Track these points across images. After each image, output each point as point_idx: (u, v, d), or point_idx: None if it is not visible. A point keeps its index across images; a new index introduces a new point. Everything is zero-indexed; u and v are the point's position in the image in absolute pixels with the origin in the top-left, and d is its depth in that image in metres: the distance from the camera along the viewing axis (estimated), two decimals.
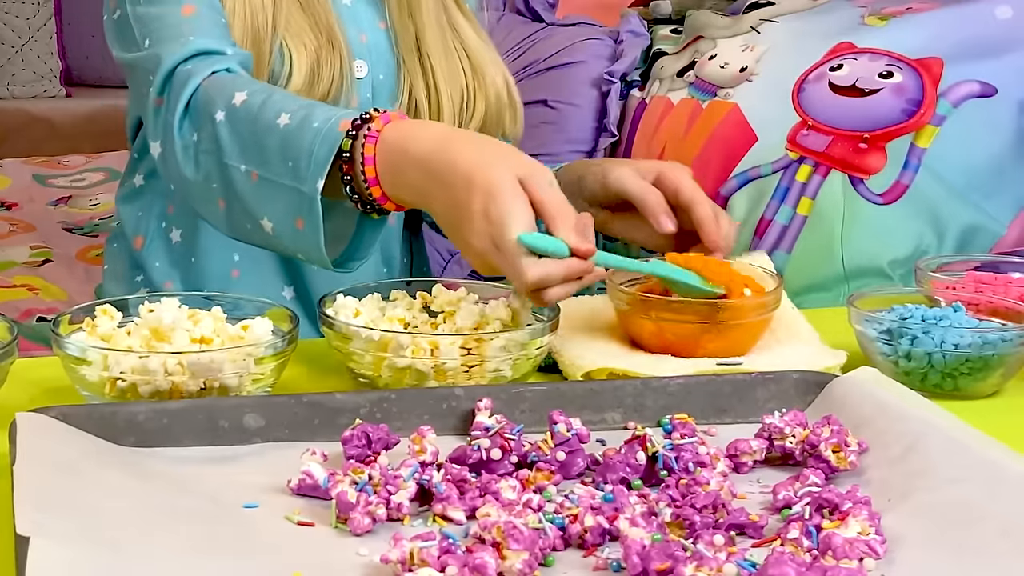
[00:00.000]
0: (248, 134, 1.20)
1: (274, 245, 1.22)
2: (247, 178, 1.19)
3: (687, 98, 1.95)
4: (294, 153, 1.16)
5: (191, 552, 0.81)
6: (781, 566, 0.77)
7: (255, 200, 1.19)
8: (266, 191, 1.18)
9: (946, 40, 1.83)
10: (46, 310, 2.04)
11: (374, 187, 1.14)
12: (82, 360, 1.04)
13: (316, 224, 1.15)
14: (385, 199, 1.15)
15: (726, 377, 1.08)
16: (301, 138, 1.16)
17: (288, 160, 1.16)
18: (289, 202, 1.16)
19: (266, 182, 1.18)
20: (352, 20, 1.42)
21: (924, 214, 1.77)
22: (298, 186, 1.15)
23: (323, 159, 1.14)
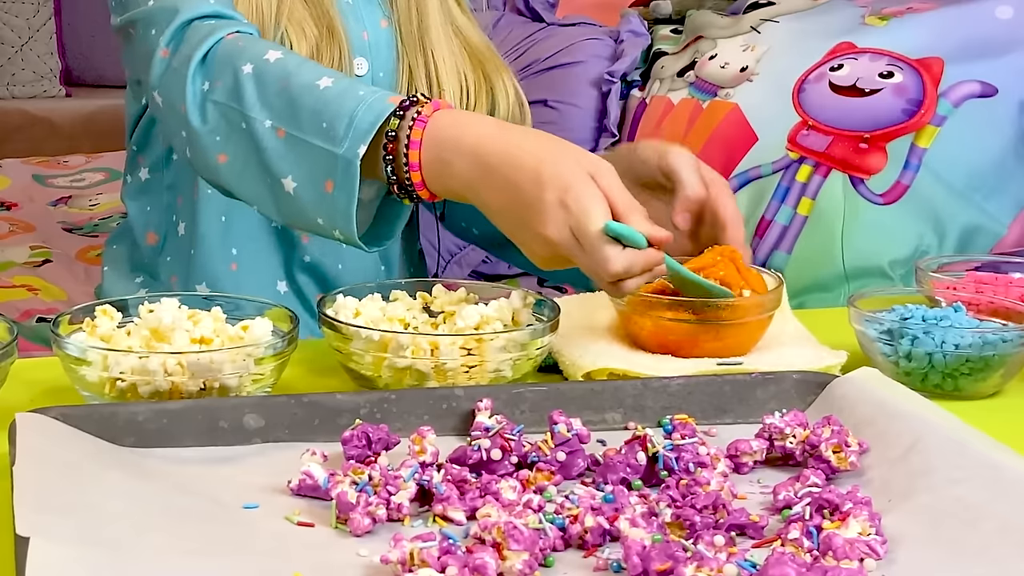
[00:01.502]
0: (279, 90, 1.16)
1: (290, 208, 1.18)
2: (271, 133, 1.16)
3: (687, 98, 1.95)
4: (331, 115, 1.13)
5: (191, 552, 0.81)
6: (781, 566, 0.77)
7: (279, 157, 1.16)
8: (294, 149, 1.15)
9: (946, 40, 1.83)
10: (46, 310, 2.04)
11: (414, 172, 1.12)
12: (82, 360, 1.04)
13: (351, 189, 1.12)
14: (423, 186, 1.13)
15: (726, 377, 1.08)
16: (342, 103, 1.13)
17: (323, 121, 1.13)
18: (319, 163, 1.13)
19: (295, 140, 1.14)
20: (354, 17, 1.43)
21: (924, 214, 1.77)
22: (332, 148, 1.12)
23: (368, 126, 1.11)
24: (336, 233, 1.16)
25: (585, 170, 1.07)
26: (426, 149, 1.11)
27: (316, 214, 1.16)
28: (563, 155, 1.08)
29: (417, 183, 1.13)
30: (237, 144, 1.18)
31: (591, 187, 1.06)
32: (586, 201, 1.06)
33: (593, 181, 1.07)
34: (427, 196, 1.14)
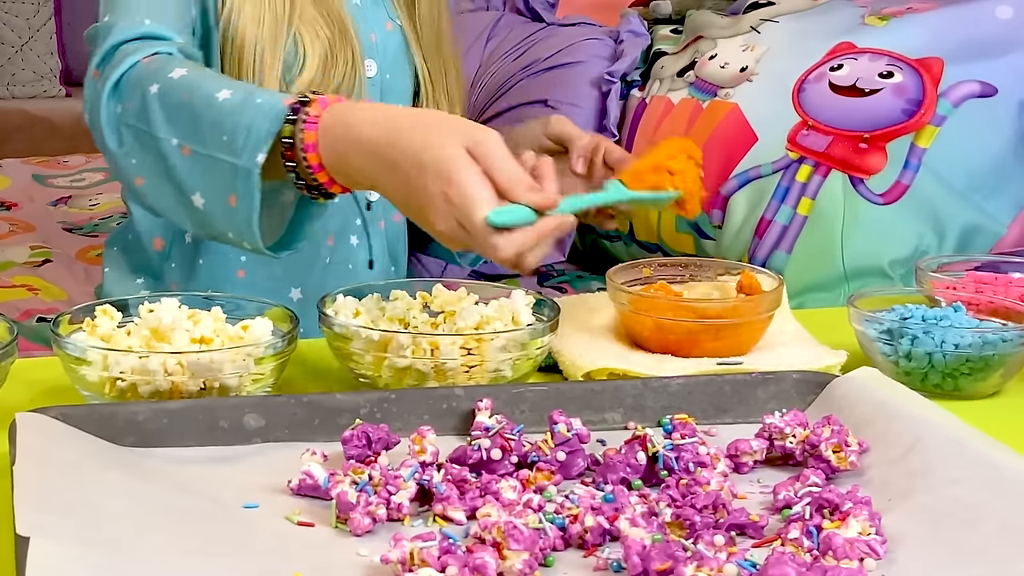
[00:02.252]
0: (183, 107, 1.17)
1: (203, 223, 1.19)
2: (178, 152, 1.17)
3: (687, 98, 1.95)
4: (231, 128, 1.14)
5: (191, 552, 0.81)
6: (781, 566, 0.77)
7: (187, 174, 1.17)
8: (199, 165, 1.16)
9: (946, 40, 1.83)
10: (46, 310, 2.04)
11: (319, 173, 1.12)
12: (82, 360, 1.04)
13: (250, 200, 1.13)
14: (332, 183, 1.13)
15: (726, 377, 1.08)
16: (241, 113, 1.14)
17: (223, 134, 1.14)
18: (223, 177, 1.14)
19: (199, 156, 1.15)
20: (362, 19, 1.43)
21: (924, 214, 1.77)
22: (233, 160, 1.13)
23: (264, 134, 1.12)
24: (245, 245, 1.17)
25: (465, 147, 1.06)
26: (323, 148, 1.11)
27: (225, 228, 1.17)
28: (442, 138, 1.07)
29: (325, 182, 1.13)
30: (151, 166, 1.19)
31: (471, 173, 1.05)
32: (468, 190, 1.04)
33: (473, 163, 1.06)
34: (340, 191, 1.14)
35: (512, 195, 1.05)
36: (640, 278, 1.27)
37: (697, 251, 1.90)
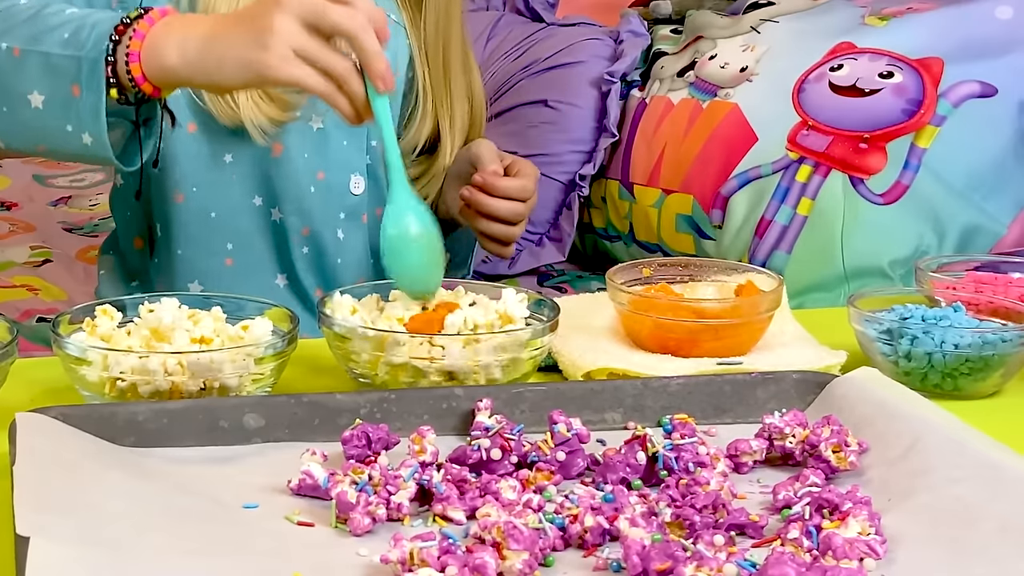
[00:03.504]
0: (24, 19, 1.18)
1: (39, 125, 1.19)
2: (8, 55, 1.17)
3: (687, 98, 1.95)
4: (74, 27, 1.16)
5: (191, 552, 0.81)
6: (781, 566, 0.77)
7: (18, 75, 1.17)
8: (33, 63, 1.16)
9: (946, 40, 1.83)
10: (46, 310, 2.04)
11: (134, 64, 1.13)
12: (82, 360, 1.04)
13: (98, 88, 1.14)
14: (144, 79, 1.14)
15: (726, 377, 1.08)
16: (85, 17, 1.17)
17: (64, 32, 1.16)
18: (63, 71, 1.15)
19: (32, 54, 1.16)
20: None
21: (924, 214, 1.77)
22: (76, 53, 1.14)
23: (107, 28, 1.14)
24: (85, 137, 1.17)
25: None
26: (148, 38, 1.14)
27: (65, 122, 1.17)
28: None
29: (138, 77, 1.14)
30: None
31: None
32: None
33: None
34: (150, 89, 1.15)
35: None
36: (640, 278, 1.27)
37: (697, 251, 1.91)
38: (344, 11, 1.09)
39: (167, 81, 1.15)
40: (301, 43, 1.09)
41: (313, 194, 1.42)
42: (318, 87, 1.10)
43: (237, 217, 1.42)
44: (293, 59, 1.09)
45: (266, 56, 1.09)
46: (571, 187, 2.07)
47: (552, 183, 2.06)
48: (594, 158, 2.05)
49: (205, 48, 1.12)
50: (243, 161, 1.40)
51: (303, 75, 1.09)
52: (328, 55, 1.10)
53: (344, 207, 1.44)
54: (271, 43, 1.09)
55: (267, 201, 1.42)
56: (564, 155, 2.07)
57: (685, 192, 1.91)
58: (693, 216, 1.90)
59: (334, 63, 1.10)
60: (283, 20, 1.09)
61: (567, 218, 2.08)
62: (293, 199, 1.42)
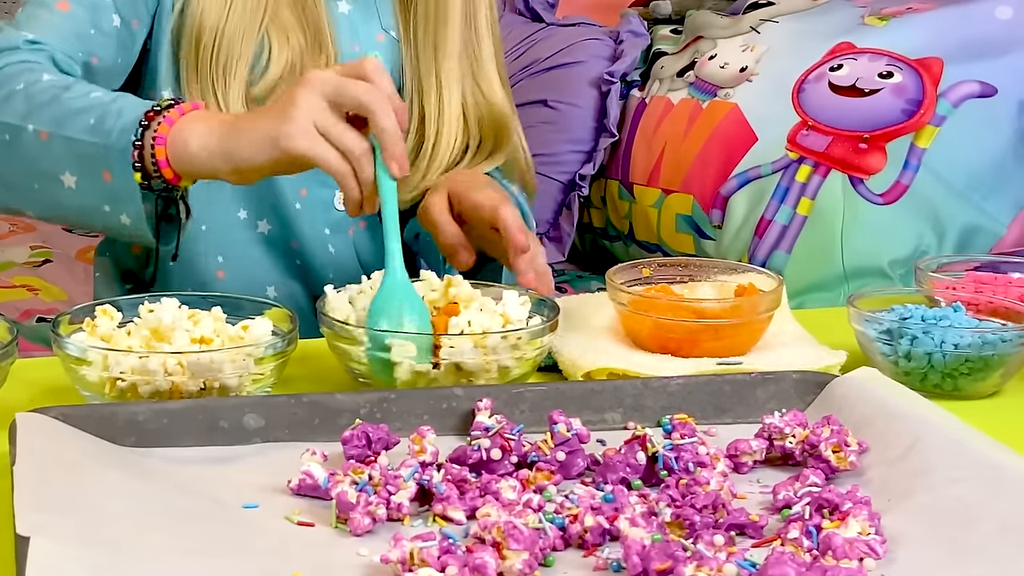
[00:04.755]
0: (47, 100, 1.20)
1: (76, 204, 1.20)
2: (35, 138, 1.19)
3: (687, 98, 1.95)
4: (100, 113, 1.17)
5: (191, 552, 0.81)
6: (781, 566, 0.77)
7: (48, 157, 1.19)
8: (61, 147, 1.18)
9: (946, 40, 1.83)
10: (46, 310, 2.04)
11: (159, 147, 1.14)
12: (82, 360, 1.04)
13: (127, 175, 1.15)
14: (167, 164, 1.15)
15: (726, 377, 1.08)
16: (111, 103, 1.18)
17: (90, 118, 1.17)
18: (91, 158, 1.17)
19: (59, 139, 1.18)
20: (348, 28, 1.42)
21: (924, 214, 1.78)
22: (103, 141, 1.16)
23: (133, 118, 1.15)
24: (123, 218, 1.18)
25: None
26: (171, 136, 1.15)
27: (101, 202, 1.18)
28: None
29: (161, 161, 1.15)
30: (1, 153, 1.21)
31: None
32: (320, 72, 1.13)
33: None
34: (166, 169, 1.16)
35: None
36: (640, 278, 1.27)
37: (697, 251, 1.91)
38: (365, 87, 1.10)
39: (189, 169, 1.16)
40: (322, 119, 1.10)
41: (298, 210, 1.42)
42: (335, 166, 1.10)
43: (226, 230, 1.41)
44: (314, 134, 1.10)
45: (287, 127, 1.10)
46: (571, 187, 2.07)
47: (552, 183, 2.07)
48: (594, 158, 2.05)
49: (230, 133, 1.13)
50: None
51: (322, 151, 1.10)
52: (348, 134, 1.10)
53: (328, 222, 1.44)
54: (294, 115, 1.09)
55: (252, 214, 1.42)
56: (564, 155, 2.08)
57: (685, 192, 1.91)
58: (693, 216, 1.91)
59: (353, 143, 1.10)
60: (307, 96, 1.10)
61: (567, 218, 2.08)
62: (279, 214, 1.42)
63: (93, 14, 1.32)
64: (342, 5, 1.42)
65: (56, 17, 1.30)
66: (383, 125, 1.10)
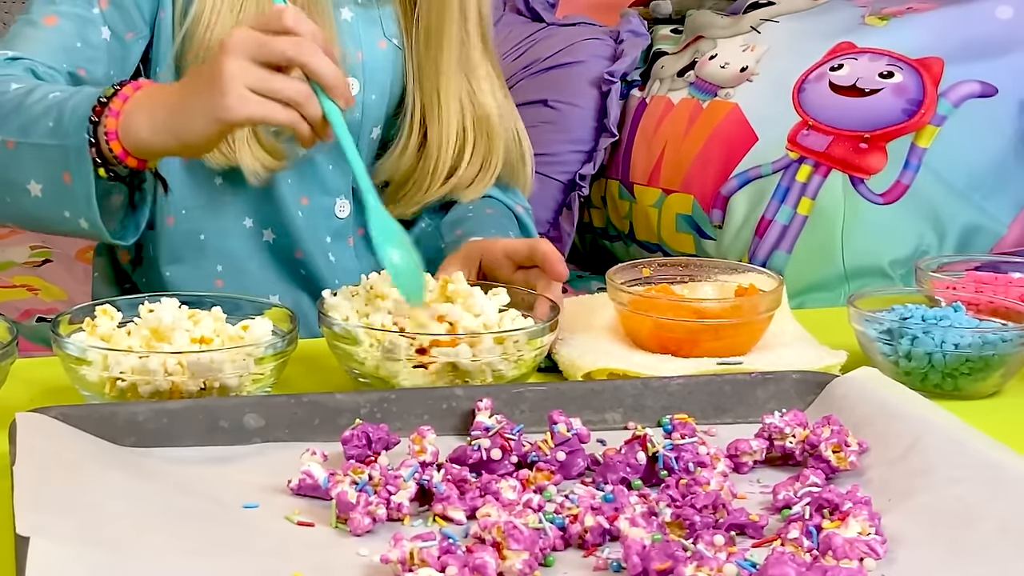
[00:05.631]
0: (13, 110, 1.20)
1: (41, 214, 1.21)
2: (3, 148, 1.19)
3: (687, 98, 1.95)
4: (56, 114, 1.17)
5: (191, 552, 0.81)
6: (781, 566, 0.77)
7: (17, 167, 1.19)
8: (28, 154, 1.18)
9: (946, 40, 1.83)
10: (46, 310, 2.04)
11: (114, 142, 1.14)
12: (82, 360, 1.04)
13: (85, 175, 1.15)
14: (126, 155, 1.15)
15: (726, 377, 1.08)
16: (65, 102, 1.17)
17: (49, 121, 1.17)
18: (54, 160, 1.16)
19: (25, 146, 1.18)
20: (351, 36, 1.41)
21: (924, 214, 1.78)
22: (61, 141, 1.16)
23: (84, 113, 1.15)
24: (82, 222, 1.18)
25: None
26: (124, 114, 1.14)
27: (63, 208, 1.19)
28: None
29: (120, 153, 1.14)
30: None
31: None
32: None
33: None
34: (135, 163, 1.16)
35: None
36: (640, 278, 1.27)
37: (697, 251, 1.91)
38: (288, 42, 1.09)
39: (145, 152, 1.16)
40: (254, 79, 1.09)
41: (300, 218, 1.42)
42: (281, 118, 1.10)
43: (227, 239, 1.41)
44: (251, 97, 1.09)
45: (224, 100, 1.09)
46: (571, 187, 2.07)
47: (552, 183, 2.06)
48: (594, 158, 2.05)
49: (171, 113, 1.13)
50: (234, 184, 1.39)
51: (264, 111, 1.09)
52: (283, 83, 1.10)
53: (330, 230, 1.44)
54: (225, 87, 1.09)
55: (258, 223, 1.42)
56: (564, 155, 2.08)
57: (685, 192, 1.91)
58: (693, 216, 1.91)
59: (291, 90, 1.10)
60: (231, 62, 1.09)
61: (567, 218, 2.08)
62: (282, 222, 1.42)
63: (80, 28, 1.32)
64: (345, 12, 1.42)
65: (43, 32, 1.31)
66: (320, 71, 1.10)
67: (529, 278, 1.23)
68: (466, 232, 1.39)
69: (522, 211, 1.51)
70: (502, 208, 1.49)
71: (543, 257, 1.22)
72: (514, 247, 1.26)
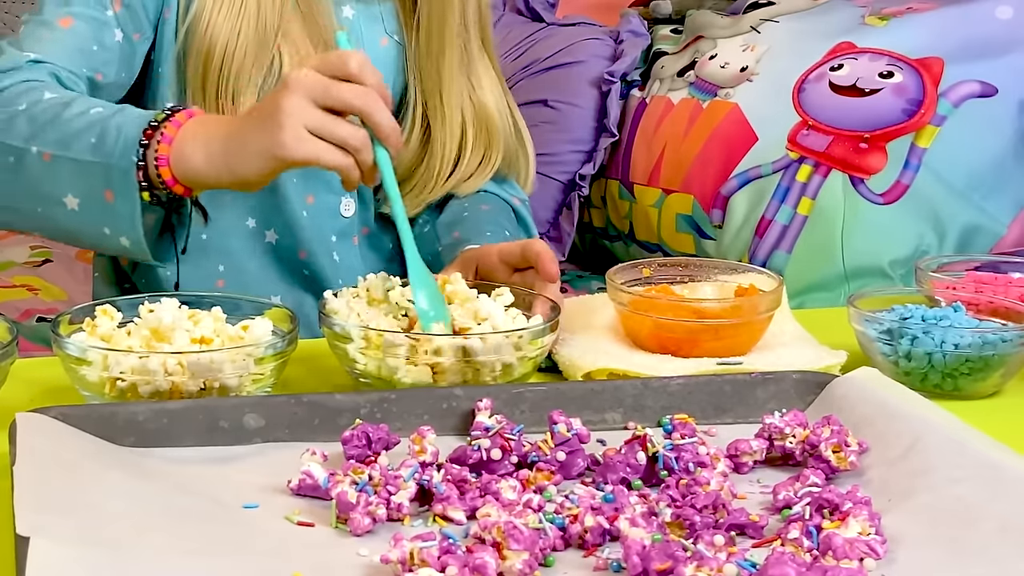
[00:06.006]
0: (49, 119, 1.20)
1: (76, 228, 1.21)
2: (38, 159, 1.19)
3: (687, 98, 1.95)
4: (100, 131, 1.17)
5: (191, 552, 0.81)
6: (781, 566, 0.77)
7: (51, 179, 1.19)
8: (64, 168, 1.18)
9: (946, 40, 1.83)
10: (46, 310, 2.04)
11: (163, 168, 1.14)
12: (82, 360, 1.04)
13: (131, 196, 1.15)
14: (175, 182, 1.15)
15: (726, 377, 1.08)
16: (109, 120, 1.17)
17: (91, 137, 1.17)
18: (94, 177, 1.17)
19: (63, 160, 1.18)
20: (353, 34, 1.41)
21: (924, 214, 1.78)
22: (105, 160, 1.16)
23: (134, 134, 1.15)
24: (123, 240, 1.19)
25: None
26: (175, 142, 1.15)
27: (103, 225, 1.19)
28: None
29: (168, 179, 1.15)
30: (5, 177, 1.21)
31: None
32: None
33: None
34: (181, 190, 1.16)
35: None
36: (640, 278, 1.27)
37: (697, 251, 1.91)
38: (352, 91, 1.10)
39: (196, 182, 1.16)
40: (313, 120, 1.09)
41: (305, 217, 1.41)
42: (336, 162, 1.10)
43: (229, 239, 1.41)
44: (308, 138, 1.09)
45: (281, 137, 1.09)
46: (571, 187, 2.07)
47: (552, 183, 2.06)
48: (594, 158, 2.05)
49: (227, 145, 1.13)
50: None
51: (319, 152, 1.10)
52: (342, 129, 1.10)
53: (335, 230, 1.44)
54: (284, 123, 1.09)
55: (261, 223, 1.42)
56: (564, 155, 2.08)
57: (685, 192, 1.91)
58: (693, 216, 1.91)
59: (350, 136, 1.10)
60: (292, 100, 1.09)
61: (567, 218, 2.08)
62: (286, 222, 1.42)
63: (96, 30, 1.31)
64: (346, 10, 1.42)
65: (59, 34, 1.30)
66: (380, 123, 1.11)
67: (526, 280, 1.23)
68: (462, 233, 1.39)
69: (518, 203, 1.51)
70: (498, 203, 1.49)
71: (535, 257, 1.23)
72: (508, 250, 1.26)
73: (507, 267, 1.26)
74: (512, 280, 1.23)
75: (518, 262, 1.25)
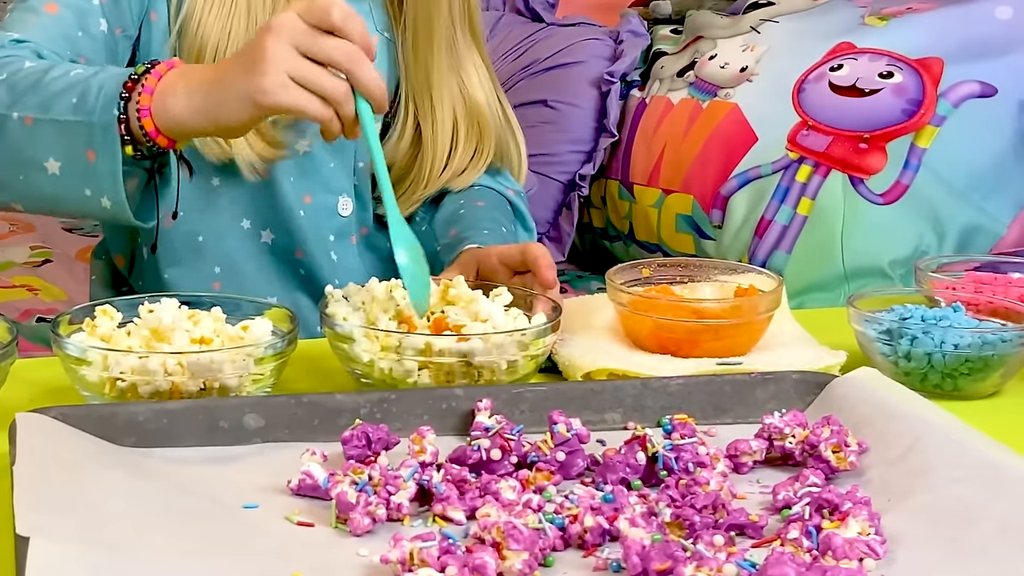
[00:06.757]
0: (29, 85, 1.19)
1: (57, 192, 1.19)
2: (19, 124, 1.18)
3: (687, 98, 1.96)
4: (81, 91, 1.16)
5: (191, 552, 0.81)
6: (781, 566, 0.77)
7: (32, 144, 1.18)
8: (46, 131, 1.17)
9: (946, 40, 1.83)
10: (46, 310, 2.04)
11: (146, 119, 1.13)
12: (82, 360, 1.04)
13: (112, 152, 1.14)
14: (158, 133, 1.14)
15: (726, 377, 1.08)
16: (91, 79, 1.16)
17: (72, 98, 1.16)
18: (76, 136, 1.16)
19: (44, 123, 1.17)
20: None
21: (924, 214, 1.78)
22: (86, 119, 1.15)
23: (114, 90, 1.14)
24: (104, 201, 1.17)
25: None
26: (156, 93, 1.14)
27: (83, 186, 1.17)
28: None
29: (152, 131, 1.14)
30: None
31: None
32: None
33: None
34: (165, 142, 1.15)
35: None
36: (640, 278, 1.27)
37: (697, 251, 1.91)
38: (336, 45, 1.09)
39: (179, 132, 1.15)
40: (296, 68, 1.08)
41: (302, 217, 1.41)
42: (317, 113, 1.09)
43: (225, 240, 1.41)
44: (291, 85, 1.08)
45: (262, 82, 1.08)
46: (571, 187, 2.07)
47: (552, 183, 2.07)
48: (594, 158, 2.05)
49: (209, 92, 1.12)
50: (231, 184, 1.39)
51: (301, 101, 1.08)
52: (325, 79, 1.09)
53: (333, 229, 1.44)
54: (267, 70, 1.08)
55: (256, 224, 1.41)
56: (564, 155, 2.08)
57: (685, 192, 1.91)
58: (693, 216, 1.91)
59: (332, 88, 1.09)
60: (276, 46, 1.08)
61: (567, 218, 2.08)
62: (283, 222, 1.41)
63: (80, 17, 1.31)
64: None
65: (43, 19, 1.30)
66: (363, 80, 1.09)
67: (526, 283, 1.23)
68: (460, 232, 1.38)
69: (513, 194, 1.51)
70: (493, 197, 1.49)
71: (533, 261, 1.23)
72: (508, 254, 1.26)
73: (507, 270, 1.25)
74: (512, 282, 1.23)
75: (518, 265, 1.25)
